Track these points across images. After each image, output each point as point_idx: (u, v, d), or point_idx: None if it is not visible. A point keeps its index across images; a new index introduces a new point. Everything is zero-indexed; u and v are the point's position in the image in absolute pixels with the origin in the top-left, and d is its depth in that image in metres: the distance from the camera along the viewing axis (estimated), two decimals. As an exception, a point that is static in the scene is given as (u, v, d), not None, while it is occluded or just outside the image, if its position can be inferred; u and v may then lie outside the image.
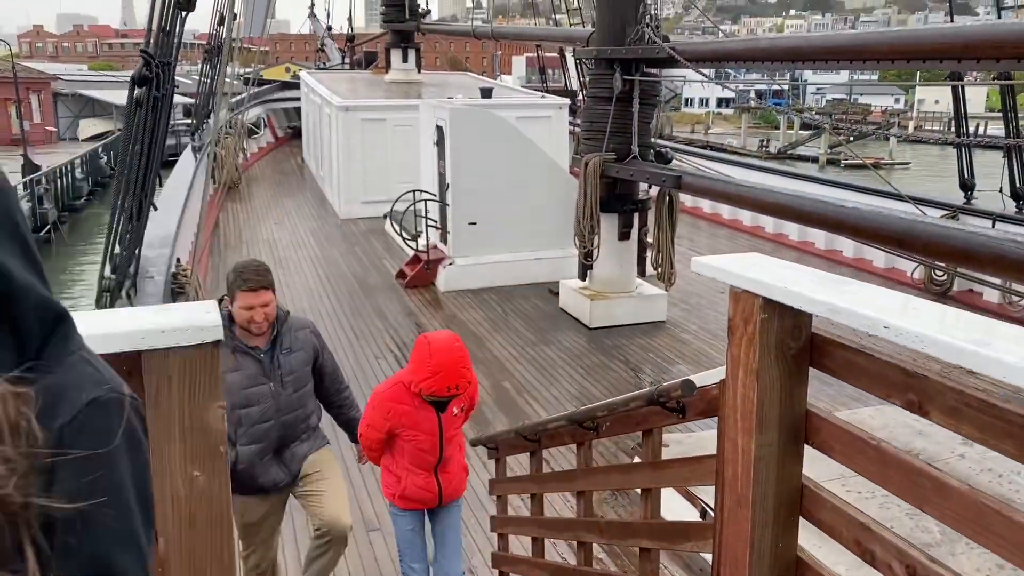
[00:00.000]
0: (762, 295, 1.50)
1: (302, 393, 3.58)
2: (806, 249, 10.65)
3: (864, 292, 1.43)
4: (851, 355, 1.41)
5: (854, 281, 1.50)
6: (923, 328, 1.21)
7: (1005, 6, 8.29)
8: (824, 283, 1.49)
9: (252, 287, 3.33)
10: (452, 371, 3.17)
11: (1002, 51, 3.29)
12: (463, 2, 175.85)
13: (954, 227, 3.56)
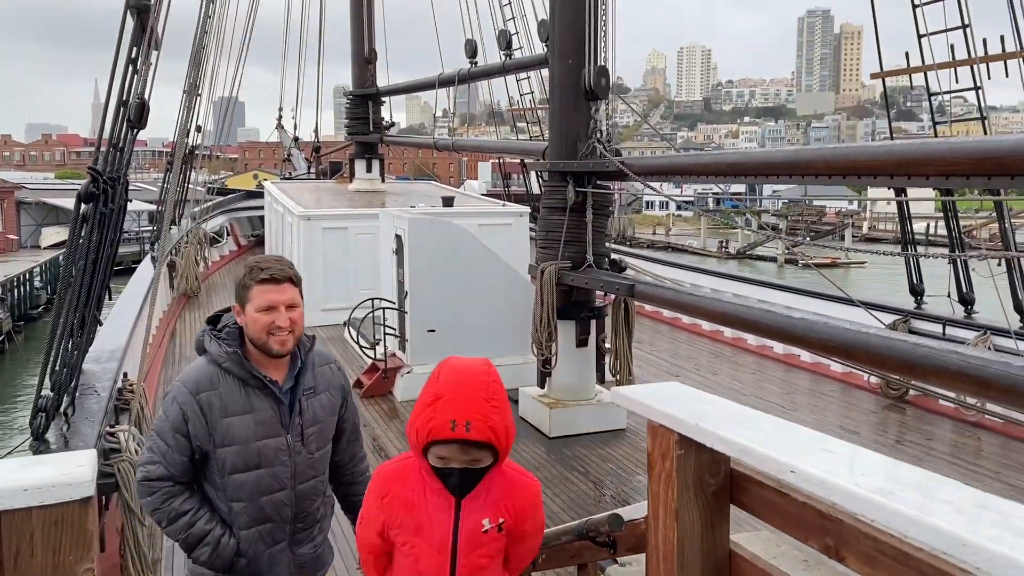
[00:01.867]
0: (678, 431, 1.47)
1: (324, 454, 2.73)
2: (765, 354, 10.72)
3: (777, 431, 1.41)
4: (769, 494, 1.38)
5: (767, 418, 1.48)
6: (828, 475, 1.18)
7: (940, 120, 8.69)
8: (738, 420, 1.47)
9: (275, 277, 2.54)
10: (462, 395, 2.05)
11: (932, 168, 3.40)
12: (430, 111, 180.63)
13: (898, 338, 3.59)
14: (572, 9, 7.23)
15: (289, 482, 2.60)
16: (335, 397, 2.75)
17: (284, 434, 2.57)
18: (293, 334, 2.56)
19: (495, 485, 2.13)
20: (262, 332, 2.51)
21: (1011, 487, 6.24)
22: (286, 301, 2.53)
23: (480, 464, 2.09)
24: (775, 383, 9.56)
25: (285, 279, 2.55)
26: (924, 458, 6.96)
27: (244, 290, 2.58)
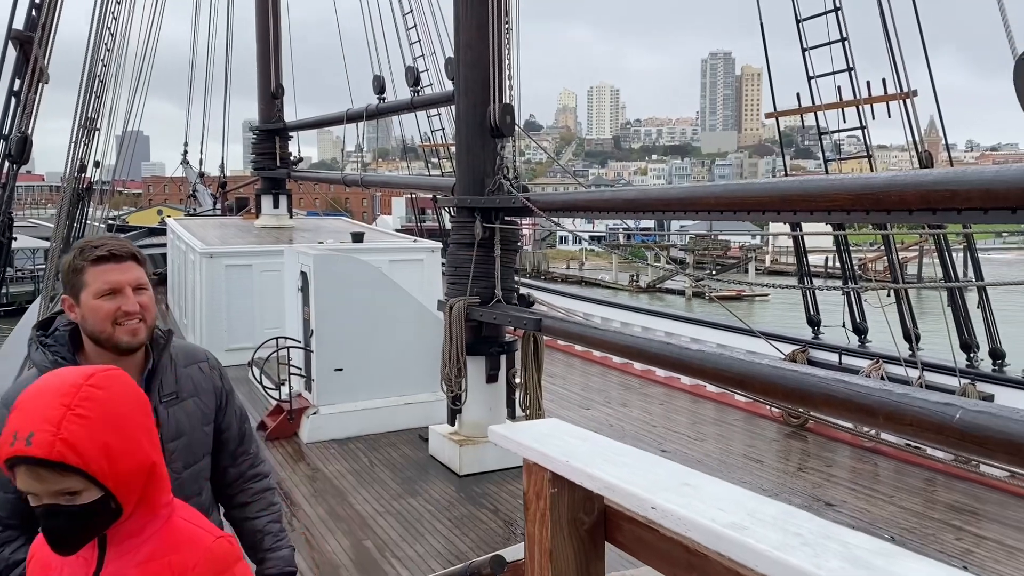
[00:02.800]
0: (550, 469, 1.45)
1: (196, 473, 2.27)
2: (672, 384, 10.90)
3: (643, 466, 1.41)
4: (641, 531, 1.38)
5: (636, 453, 1.48)
6: (686, 510, 1.19)
7: (831, 158, 9.11)
8: (608, 456, 1.47)
9: (115, 253, 2.09)
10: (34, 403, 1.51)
11: (814, 204, 3.54)
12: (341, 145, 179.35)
13: (787, 369, 3.69)
14: (476, 47, 7.31)
15: None
16: (206, 403, 2.30)
17: None
18: (145, 322, 2.10)
19: (153, 538, 1.60)
20: (106, 322, 2.03)
21: (904, 509, 6.48)
22: (132, 281, 2.08)
23: (78, 500, 1.50)
24: (683, 413, 9.73)
25: (127, 256, 2.11)
26: (824, 484, 7.17)
27: (76, 274, 2.09)
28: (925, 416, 2.86)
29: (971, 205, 2.84)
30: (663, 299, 54.92)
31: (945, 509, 6.47)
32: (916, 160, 7.85)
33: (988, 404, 2.85)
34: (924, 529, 6.04)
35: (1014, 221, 2.76)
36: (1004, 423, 2.63)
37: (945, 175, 2.94)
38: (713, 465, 7.68)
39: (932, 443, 2.94)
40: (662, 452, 8.06)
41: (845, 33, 8.38)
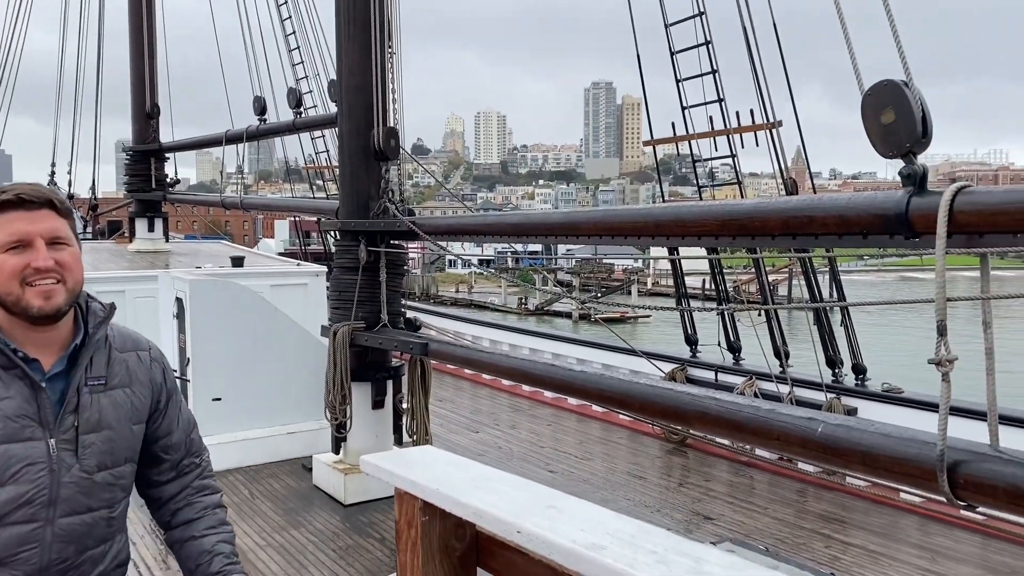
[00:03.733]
0: (421, 497, 1.46)
1: (114, 479, 1.88)
2: (560, 405, 11.05)
3: (512, 490, 1.43)
4: (510, 555, 1.40)
5: (507, 478, 1.51)
6: (548, 532, 1.21)
7: (705, 185, 9.51)
8: (479, 482, 1.48)
9: (24, 198, 1.76)
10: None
11: (685, 229, 3.68)
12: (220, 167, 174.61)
13: (664, 387, 3.81)
14: (359, 70, 7.27)
15: (44, 511, 1.71)
16: (140, 397, 1.95)
17: (44, 437, 1.72)
18: (64, 285, 1.79)
19: None
20: (11, 282, 1.71)
21: (778, 520, 6.76)
22: (45, 233, 1.75)
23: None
24: (570, 433, 9.87)
25: (42, 202, 1.77)
26: (704, 498, 7.40)
27: None
28: (790, 430, 3.01)
29: (827, 231, 3.02)
30: (551, 322, 55.69)
31: (815, 518, 6.80)
32: (782, 187, 8.30)
33: (846, 418, 3.03)
34: (796, 538, 6.32)
35: (865, 245, 2.95)
36: (860, 435, 2.79)
37: (803, 202, 3.12)
38: (599, 483, 7.82)
39: (798, 456, 3.10)
40: (549, 473, 8.14)
41: (716, 66, 8.81)
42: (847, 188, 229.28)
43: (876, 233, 2.83)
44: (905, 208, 2.64)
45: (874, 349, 11.31)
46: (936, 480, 2.45)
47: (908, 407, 7.62)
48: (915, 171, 2.66)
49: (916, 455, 2.55)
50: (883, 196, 2.78)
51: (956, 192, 2.49)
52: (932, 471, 2.48)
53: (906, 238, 2.71)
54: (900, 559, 5.89)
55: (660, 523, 6.57)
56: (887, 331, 38.29)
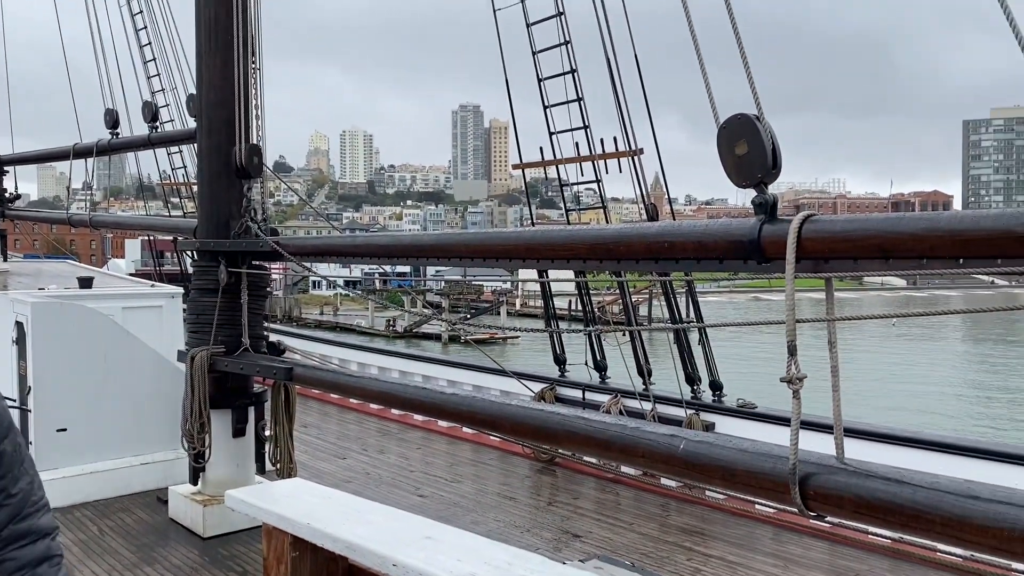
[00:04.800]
0: (291, 532, 1.41)
1: None
2: (431, 428, 10.97)
3: (388, 522, 1.41)
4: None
5: (381, 510, 1.48)
6: (426, 564, 1.20)
7: (570, 208, 9.76)
8: (352, 515, 1.45)
9: None
10: None
11: (555, 253, 3.76)
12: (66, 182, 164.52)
13: (533, 408, 3.86)
14: (220, 85, 7.03)
15: None
16: None
17: None
18: None
19: None
20: None
21: (643, 535, 6.95)
22: None
23: None
24: (441, 456, 9.80)
25: None
26: (572, 516, 7.52)
27: None
28: (655, 448, 3.10)
29: (687, 255, 3.15)
30: (420, 344, 55.38)
31: (678, 532, 7.03)
32: (644, 212, 8.62)
33: (707, 435, 3.15)
34: (660, 552, 6.52)
35: (721, 270, 3.10)
36: (720, 451, 2.91)
37: (665, 229, 3.25)
38: (469, 506, 7.80)
39: (662, 472, 3.20)
40: (419, 497, 8.05)
41: (581, 94, 9.07)
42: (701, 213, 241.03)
43: (731, 258, 2.97)
44: (757, 235, 2.80)
45: (730, 367, 11.87)
46: (789, 493, 2.58)
47: (761, 421, 8.04)
48: (766, 200, 2.81)
49: (771, 469, 2.69)
50: (737, 224, 2.93)
51: (803, 221, 2.65)
52: (786, 484, 2.61)
53: (759, 263, 2.86)
54: (756, 568, 6.17)
55: (530, 543, 6.63)
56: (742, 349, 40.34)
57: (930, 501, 2.32)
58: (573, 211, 9.59)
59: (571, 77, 8.99)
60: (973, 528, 2.23)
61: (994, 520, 2.17)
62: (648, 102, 8.57)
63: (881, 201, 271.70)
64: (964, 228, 2.28)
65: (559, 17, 8.82)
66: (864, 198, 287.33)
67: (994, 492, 2.26)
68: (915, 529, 2.41)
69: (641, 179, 8.86)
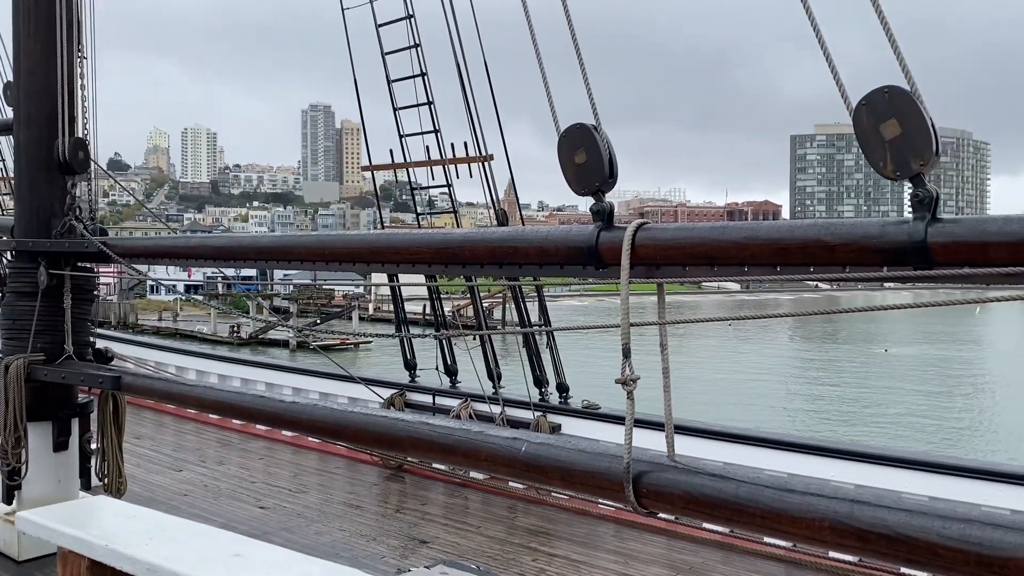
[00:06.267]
0: (88, 555, 1.31)
1: None
2: (274, 437, 10.61)
3: (193, 540, 1.34)
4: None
5: (191, 528, 1.41)
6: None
7: (423, 212, 9.72)
8: (155, 534, 1.37)
9: None
10: None
11: (399, 256, 3.71)
12: None
13: (378, 415, 3.80)
14: (42, 73, 6.52)
15: None
16: None
17: None
18: None
19: None
20: None
21: (490, 538, 7.00)
22: None
23: None
24: (285, 466, 9.51)
25: None
26: (420, 523, 7.47)
27: None
28: (497, 451, 3.12)
29: (530, 260, 3.20)
30: (266, 351, 53.56)
31: (524, 533, 7.13)
32: (495, 218, 8.71)
33: (548, 437, 3.21)
34: (506, 554, 6.58)
35: (562, 275, 3.17)
36: (559, 452, 2.96)
37: (509, 234, 3.28)
38: (313, 516, 7.60)
39: (505, 475, 3.23)
40: (261, 509, 7.77)
41: (431, 97, 9.06)
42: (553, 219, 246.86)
43: (571, 264, 3.04)
44: (595, 242, 2.87)
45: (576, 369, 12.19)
46: (624, 491, 2.66)
47: (605, 422, 8.31)
48: (603, 208, 2.90)
49: (607, 469, 2.76)
50: (577, 230, 3.00)
51: (637, 228, 2.75)
52: (620, 483, 2.69)
53: (597, 268, 2.94)
54: (598, 565, 6.35)
55: (376, 552, 6.53)
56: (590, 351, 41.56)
57: (751, 495, 2.44)
58: (425, 215, 9.56)
59: (421, 80, 8.95)
60: (789, 520, 2.37)
61: (807, 512, 2.32)
62: (498, 108, 8.67)
63: (718, 210, 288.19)
64: (781, 237, 2.43)
65: (409, 20, 8.76)
66: (702, 207, 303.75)
67: (807, 486, 2.41)
68: (739, 522, 2.53)
69: (491, 185, 8.95)
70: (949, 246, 2.07)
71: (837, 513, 2.23)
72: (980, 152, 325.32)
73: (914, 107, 2.10)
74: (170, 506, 7.64)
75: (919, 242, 2.10)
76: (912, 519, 2.13)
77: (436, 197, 10.37)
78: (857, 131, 2.17)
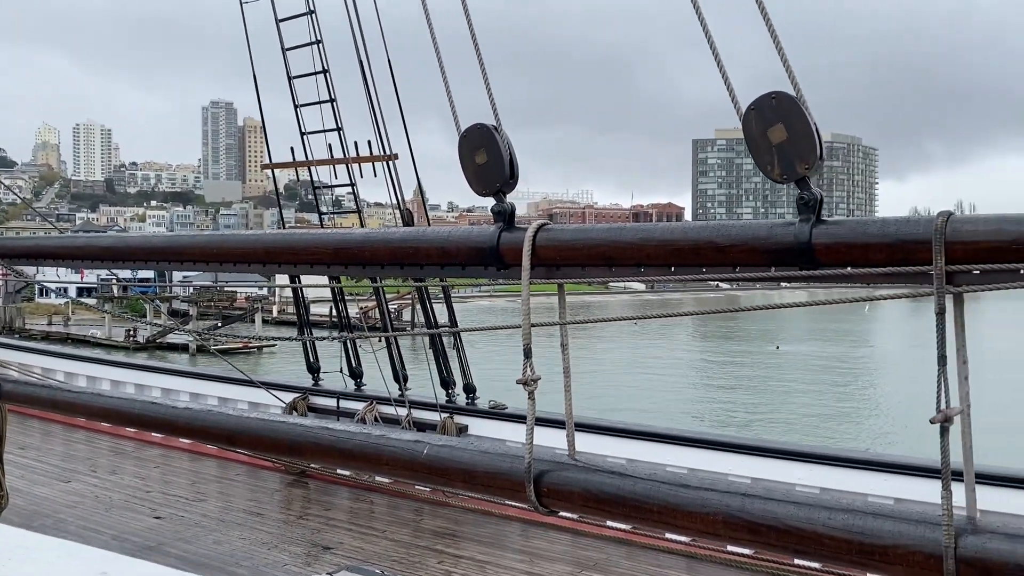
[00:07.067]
0: None
1: None
2: (171, 444, 10.24)
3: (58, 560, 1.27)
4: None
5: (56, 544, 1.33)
6: None
7: (330, 212, 9.53)
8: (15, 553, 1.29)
9: None
10: None
11: (297, 257, 3.63)
12: None
13: (277, 421, 3.70)
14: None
15: None
16: None
17: None
18: None
19: None
20: None
21: (395, 542, 6.93)
22: None
23: None
24: (182, 474, 9.18)
25: None
26: (324, 528, 7.33)
27: None
28: (399, 455, 3.08)
29: (431, 261, 3.17)
30: (165, 356, 51.68)
31: (430, 536, 7.09)
32: (400, 218, 8.62)
33: (450, 439, 3.19)
34: (412, 558, 6.52)
35: (464, 275, 3.15)
36: (461, 454, 2.95)
37: (410, 234, 3.25)
38: (212, 525, 7.36)
39: (407, 479, 3.19)
40: (156, 519, 7.48)
41: (334, 95, 8.89)
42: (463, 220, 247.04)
43: (473, 264, 3.03)
44: (496, 243, 2.87)
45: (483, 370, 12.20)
46: (525, 491, 2.66)
47: (512, 421, 8.34)
48: (504, 209, 2.89)
49: (508, 469, 2.76)
50: (478, 231, 2.99)
51: (537, 229, 2.76)
52: (522, 483, 2.69)
53: (498, 269, 2.94)
54: (504, 565, 6.36)
55: (277, 560, 6.38)
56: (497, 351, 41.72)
57: (649, 492, 2.48)
58: (329, 215, 9.38)
59: (323, 77, 8.78)
60: (685, 515, 2.42)
61: (702, 507, 2.37)
62: (402, 106, 8.59)
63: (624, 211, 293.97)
64: (675, 239, 2.48)
65: (310, 15, 8.58)
66: (609, 208, 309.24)
67: (702, 481, 2.46)
68: (637, 519, 2.57)
69: (397, 184, 8.86)
70: (832, 247, 2.15)
71: (729, 507, 2.29)
72: (869, 157, 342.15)
73: (800, 113, 2.17)
74: (57, 519, 7.27)
75: (804, 243, 2.17)
76: (800, 511, 2.20)
77: (343, 197, 10.21)
78: (747, 136, 2.23)
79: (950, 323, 2.02)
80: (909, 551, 2.03)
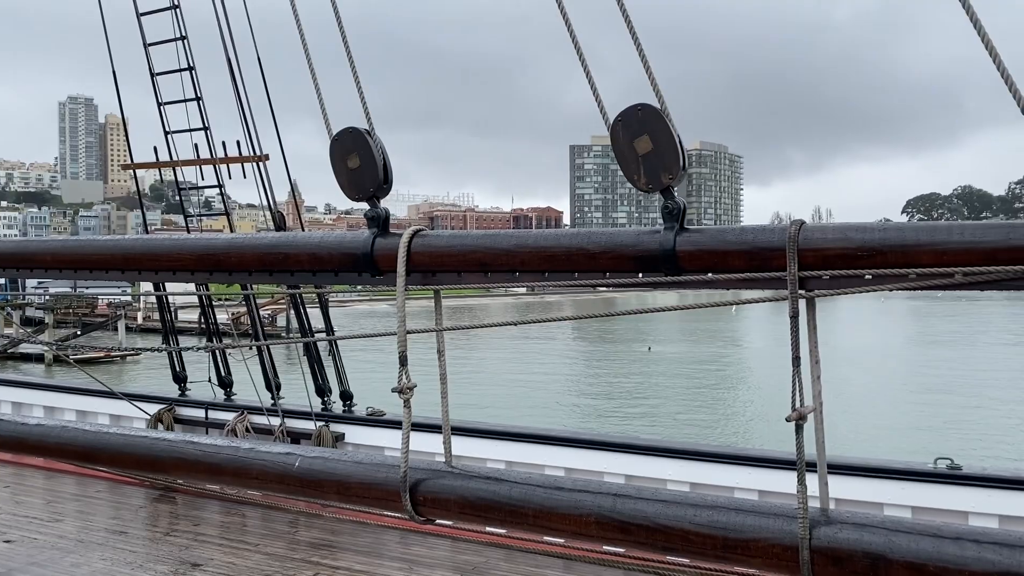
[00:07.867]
0: None
1: None
2: (22, 462, 9.55)
3: None
4: None
5: None
6: None
7: (190, 214, 9.16)
8: None
9: None
10: None
11: (160, 264, 3.47)
12: None
13: (137, 435, 3.52)
14: None
15: None
16: None
17: None
18: None
19: None
20: None
21: (269, 555, 6.72)
22: None
23: None
24: (36, 494, 8.60)
25: None
26: (193, 544, 7.02)
27: None
28: (269, 468, 2.99)
29: (302, 267, 3.09)
30: (17, 366, 48.26)
31: (306, 548, 6.90)
32: (271, 220, 8.38)
33: (324, 450, 3.12)
34: (286, 571, 6.34)
35: (338, 282, 3.09)
36: (335, 466, 2.89)
37: (279, 240, 3.15)
38: (70, 547, 6.92)
39: (278, 492, 3.09)
40: (6, 543, 6.97)
41: (200, 93, 8.55)
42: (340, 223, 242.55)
43: (346, 271, 2.97)
44: (370, 249, 2.82)
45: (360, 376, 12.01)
46: (401, 501, 2.64)
47: (390, 428, 8.24)
48: (379, 214, 2.86)
49: (384, 479, 2.72)
50: (351, 237, 2.94)
51: (412, 235, 2.74)
52: (398, 493, 2.66)
53: (372, 275, 2.90)
54: (382, 574, 6.28)
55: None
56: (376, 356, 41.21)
57: (524, 496, 2.50)
58: (196, 218, 9.01)
59: (188, 74, 8.43)
60: (559, 517, 2.45)
61: (575, 508, 2.41)
62: (272, 106, 8.35)
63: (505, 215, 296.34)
64: (548, 245, 2.52)
65: (174, 10, 8.21)
66: (490, 212, 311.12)
67: (575, 483, 2.51)
68: (513, 523, 2.59)
69: (268, 186, 8.60)
70: (694, 254, 2.23)
71: (601, 508, 2.34)
72: (735, 165, 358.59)
73: (664, 125, 2.24)
74: None
75: (669, 250, 2.25)
76: (667, 509, 2.27)
77: (213, 198, 9.82)
78: (614, 146, 2.29)
79: (804, 325, 2.14)
80: (768, 544, 2.13)
